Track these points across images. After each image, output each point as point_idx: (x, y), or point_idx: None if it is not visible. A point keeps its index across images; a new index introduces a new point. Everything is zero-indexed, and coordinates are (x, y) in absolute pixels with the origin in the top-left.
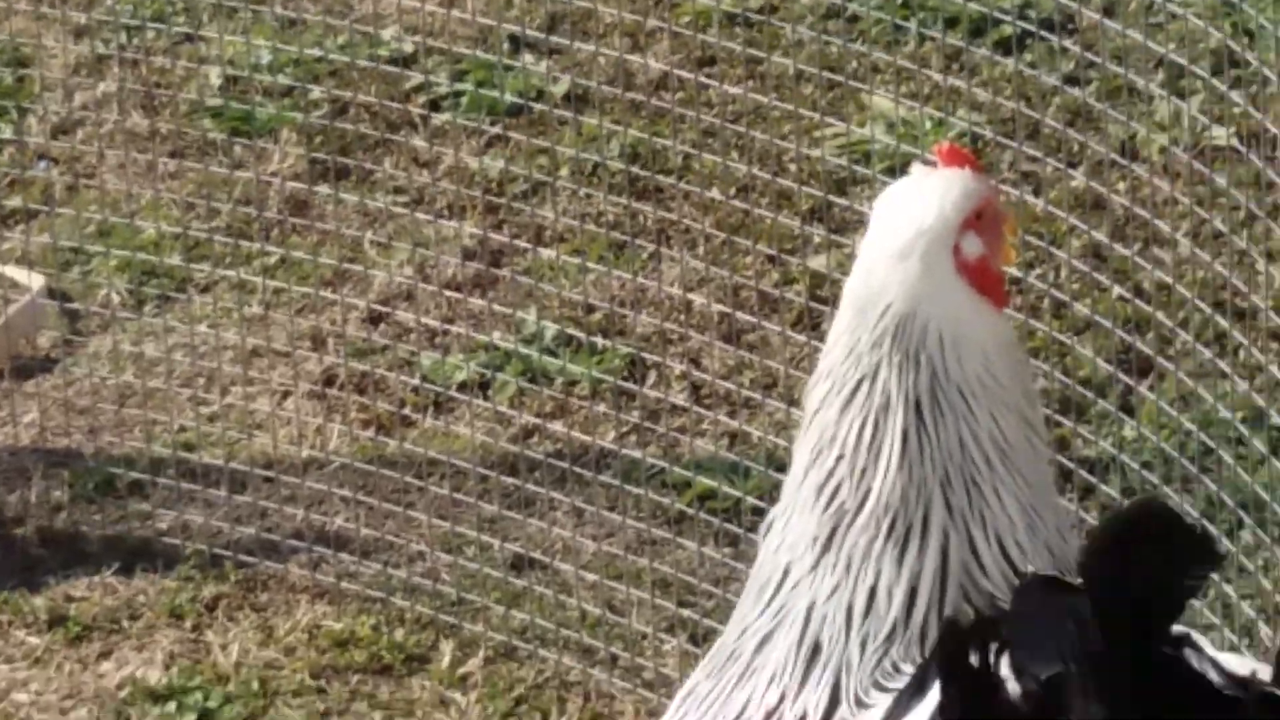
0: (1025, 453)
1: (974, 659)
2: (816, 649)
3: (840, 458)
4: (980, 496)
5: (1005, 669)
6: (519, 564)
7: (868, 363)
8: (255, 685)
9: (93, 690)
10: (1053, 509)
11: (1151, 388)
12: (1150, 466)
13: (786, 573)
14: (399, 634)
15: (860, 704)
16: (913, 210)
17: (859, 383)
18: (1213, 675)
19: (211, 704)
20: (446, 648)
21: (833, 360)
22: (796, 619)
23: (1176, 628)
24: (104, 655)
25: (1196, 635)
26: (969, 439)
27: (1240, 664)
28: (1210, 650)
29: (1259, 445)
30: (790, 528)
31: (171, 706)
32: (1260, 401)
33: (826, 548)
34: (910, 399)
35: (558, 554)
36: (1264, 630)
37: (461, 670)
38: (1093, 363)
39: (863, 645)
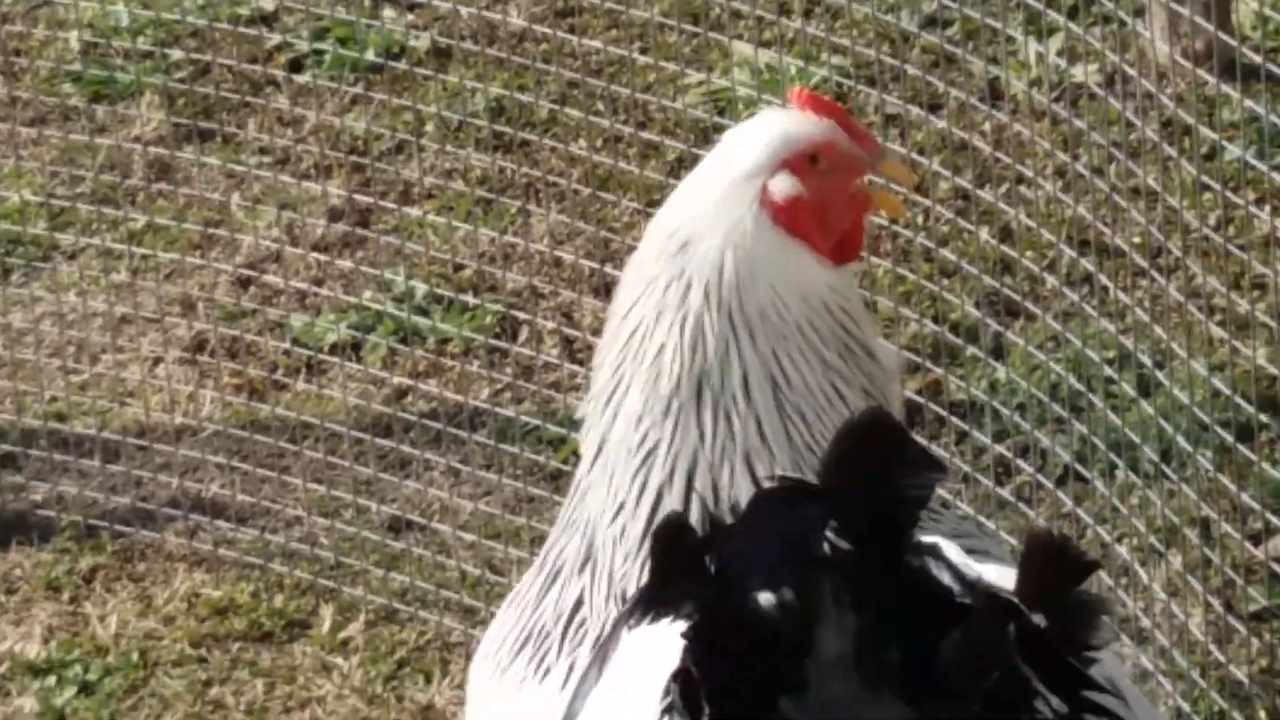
0: (811, 396)
1: (708, 565)
2: (590, 558)
3: (619, 369)
4: (737, 425)
5: (744, 578)
6: (396, 526)
7: (652, 280)
8: (135, 656)
9: None
10: None
11: (1022, 330)
12: (1023, 409)
13: (578, 484)
14: (278, 600)
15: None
16: (730, 148)
17: (637, 299)
18: (948, 582)
19: (91, 676)
20: (326, 612)
21: (626, 278)
22: (580, 529)
23: (928, 538)
24: None
25: (946, 544)
26: (735, 368)
27: (1000, 575)
28: (958, 558)
29: (1128, 386)
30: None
31: (51, 680)
32: (1127, 341)
33: (598, 459)
34: (680, 319)
35: (435, 515)
36: (1140, 572)
37: (342, 635)
38: (962, 307)
39: (625, 557)
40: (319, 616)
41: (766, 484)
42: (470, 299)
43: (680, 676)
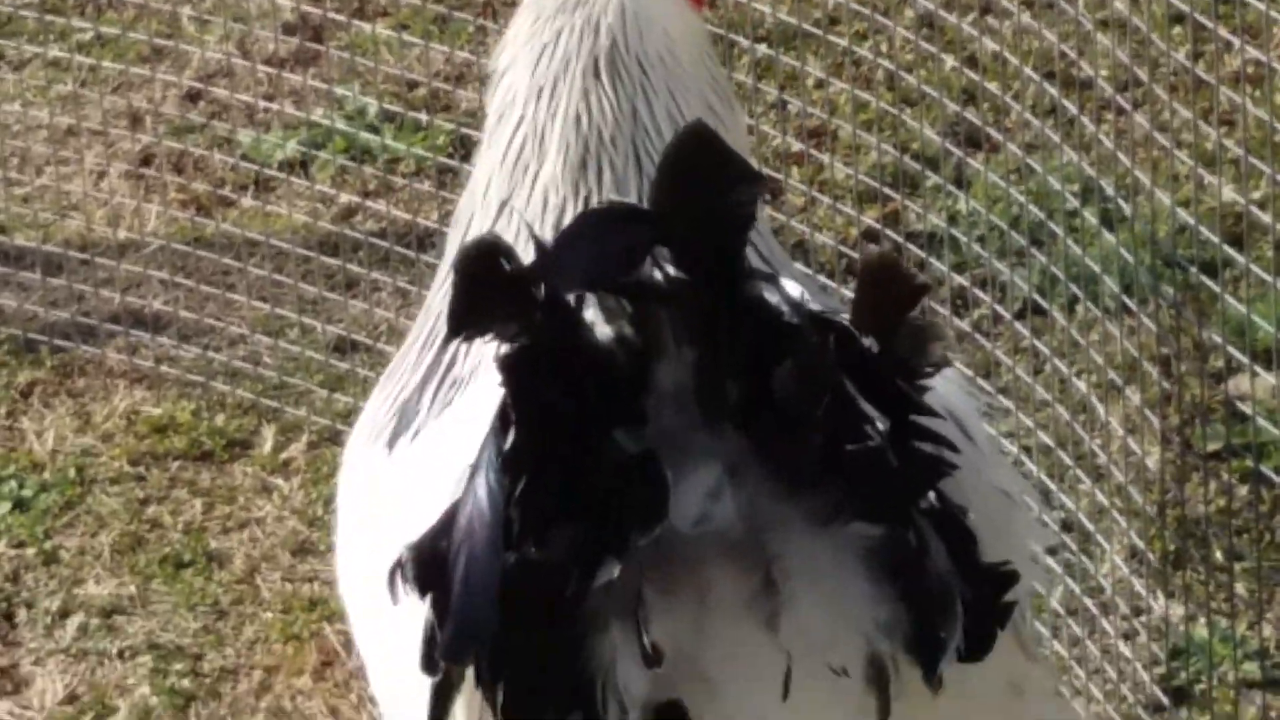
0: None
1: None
2: None
3: (521, 119)
4: (651, 166)
5: (576, 307)
6: (342, 346)
7: (551, 29)
8: (72, 473)
9: None
10: None
11: (985, 160)
12: (984, 241)
13: (469, 225)
14: (219, 419)
15: None
16: None
17: (543, 47)
18: (781, 309)
19: (27, 492)
20: (268, 433)
21: (519, 25)
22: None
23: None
24: None
25: (783, 278)
26: (643, 110)
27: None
28: (793, 289)
29: (1091, 218)
30: (476, 184)
31: None
32: (1092, 173)
33: (503, 208)
34: (589, 63)
35: (382, 336)
36: (1099, 408)
37: (284, 455)
38: (923, 135)
39: None
40: (260, 436)
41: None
42: (423, 117)
43: (503, 407)
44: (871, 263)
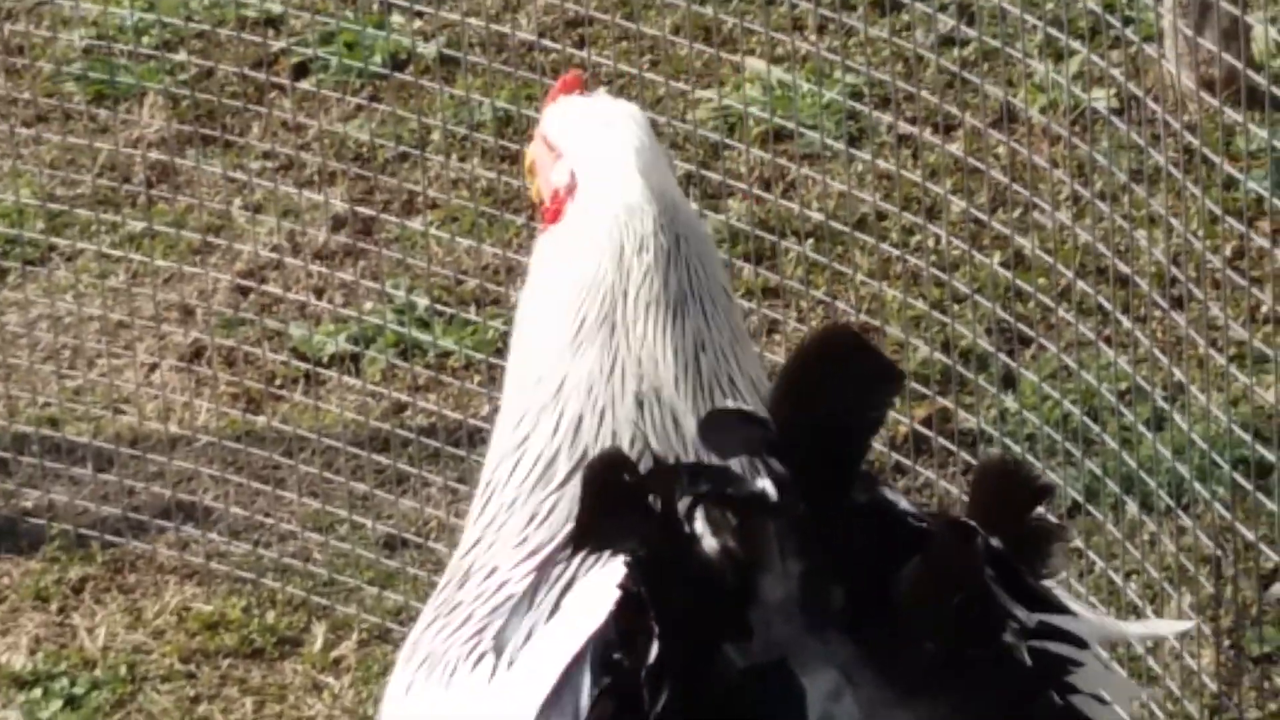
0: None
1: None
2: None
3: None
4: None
5: (698, 522)
6: (392, 544)
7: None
8: (123, 670)
9: None
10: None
11: (1033, 360)
12: (1032, 441)
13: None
14: (270, 616)
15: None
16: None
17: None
18: (901, 512)
19: (78, 690)
20: (319, 630)
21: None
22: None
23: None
24: None
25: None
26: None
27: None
28: (902, 499)
29: (1139, 421)
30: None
31: (37, 693)
32: (1139, 379)
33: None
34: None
35: (431, 533)
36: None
37: (335, 653)
38: (972, 333)
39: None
40: (311, 634)
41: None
42: (473, 314)
43: (621, 612)
44: (993, 464)
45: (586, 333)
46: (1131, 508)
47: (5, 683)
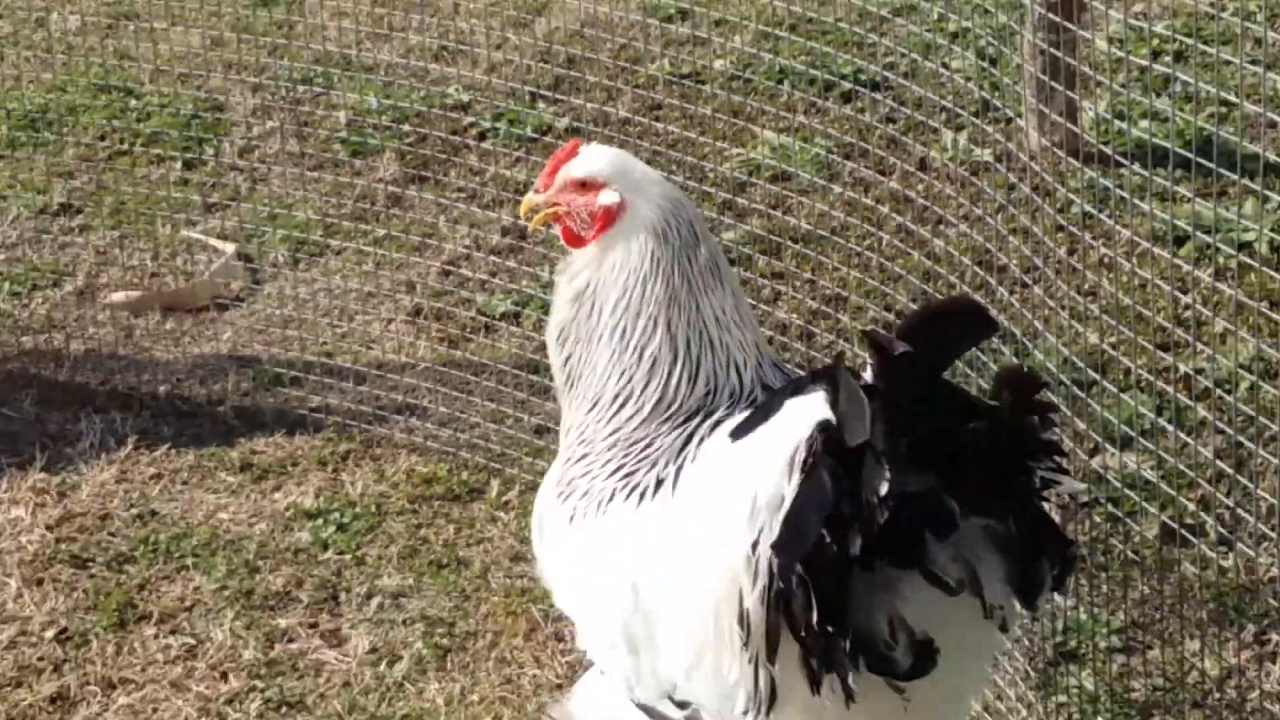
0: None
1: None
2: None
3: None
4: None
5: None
6: (540, 430)
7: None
8: (372, 508)
9: (269, 511)
10: None
11: None
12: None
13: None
14: (464, 474)
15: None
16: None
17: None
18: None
19: (345, 520)
20: (495, 484)
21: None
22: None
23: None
24: (276, 489)
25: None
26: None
27: None
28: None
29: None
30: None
31: (320, 521)
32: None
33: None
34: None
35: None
36: None
37: (504, 499)
38: (905, 301)
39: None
40: (489, 486)
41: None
42: None
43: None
44: (1011, 367)
45: (670, 283)
46: None
47: (300, 515)
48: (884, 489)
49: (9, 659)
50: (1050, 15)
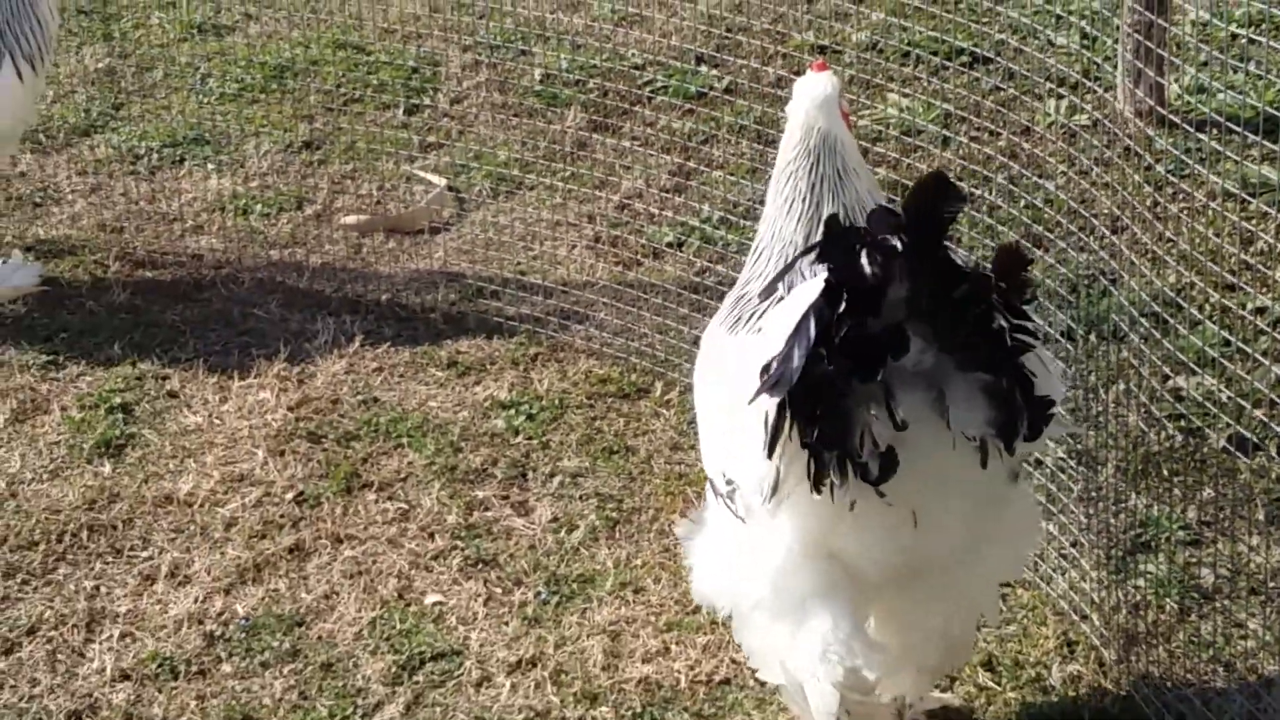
0: (870, 186)
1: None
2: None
3: (796, 189)
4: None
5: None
6: (698, 341)
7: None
8: (556, 401)
9: (470, 402)
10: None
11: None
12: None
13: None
14: (633, 377)
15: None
16: (823, 87)
17: (800, 161)
18: (961, 261)
19: (532, 411)
20: (659, 386)
21: (788, 147)
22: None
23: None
24: (477, 383)
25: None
26: (853, 178)
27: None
28: (963, 256)
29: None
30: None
31: (512, 411)
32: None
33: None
34: (825, 164)
35: None
36: None
37: (667, 397)
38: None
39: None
40: (654, 387)
41: (874, 208)
42: (745, 222)
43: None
44: (1006, 246)
45: (802, 172)
46: None
47: (496, 406)
48: (846, 327)
49: (256, 515)
50: (1143, 2)
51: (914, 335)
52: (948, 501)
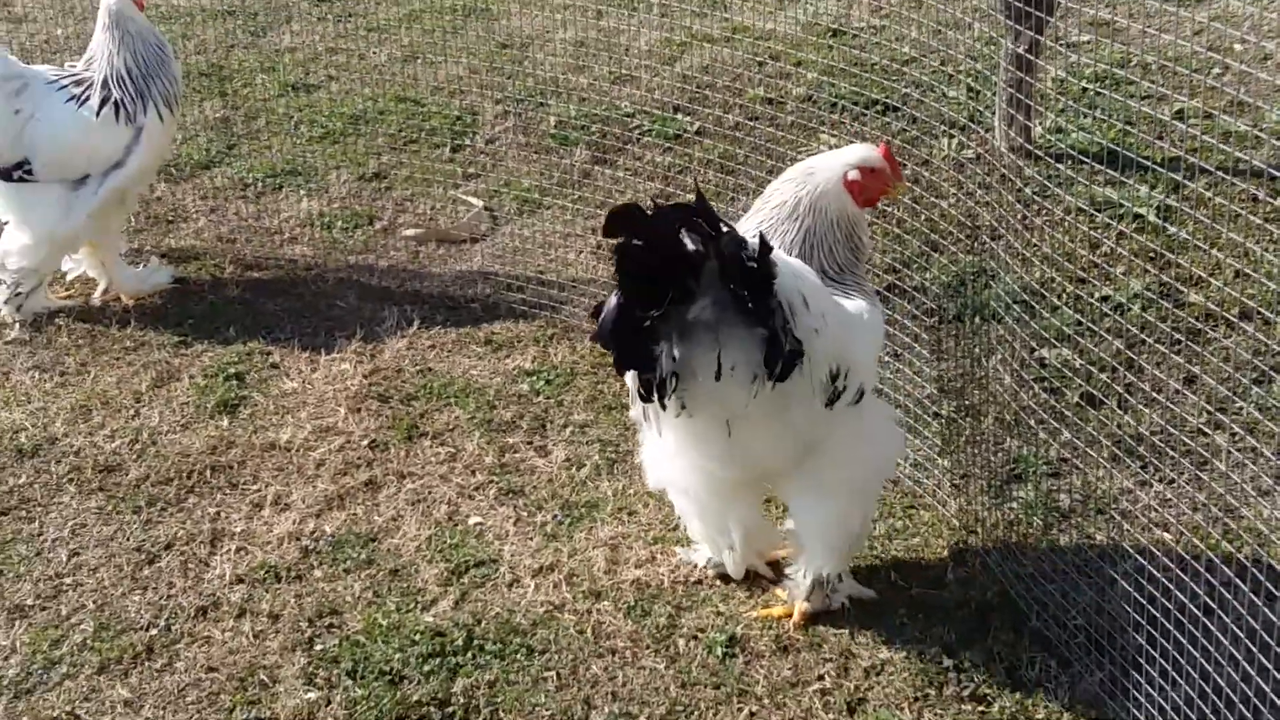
0: (835, 243)
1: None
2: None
3: (784, 220)
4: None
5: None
6: None
7: (795, 181)
8: (568, 370)
9: (502, 370)
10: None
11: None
12: None
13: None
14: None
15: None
16: (847, 150)
17: (783, 188)
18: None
19: (550, 377)
20: None
21: (783, 177)
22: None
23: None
24: (507, 357)
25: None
26: (826, 230)
27: (845, 302)
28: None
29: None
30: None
31: (534, 377)
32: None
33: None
34: (801, 201)
35: None
36: None
37: None
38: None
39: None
40: None
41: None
42: None
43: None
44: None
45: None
46: None
47: (522, 373)
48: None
49: (339, 458)
50: (1014, 62)
51: (700, 293)
52: (750, 419)
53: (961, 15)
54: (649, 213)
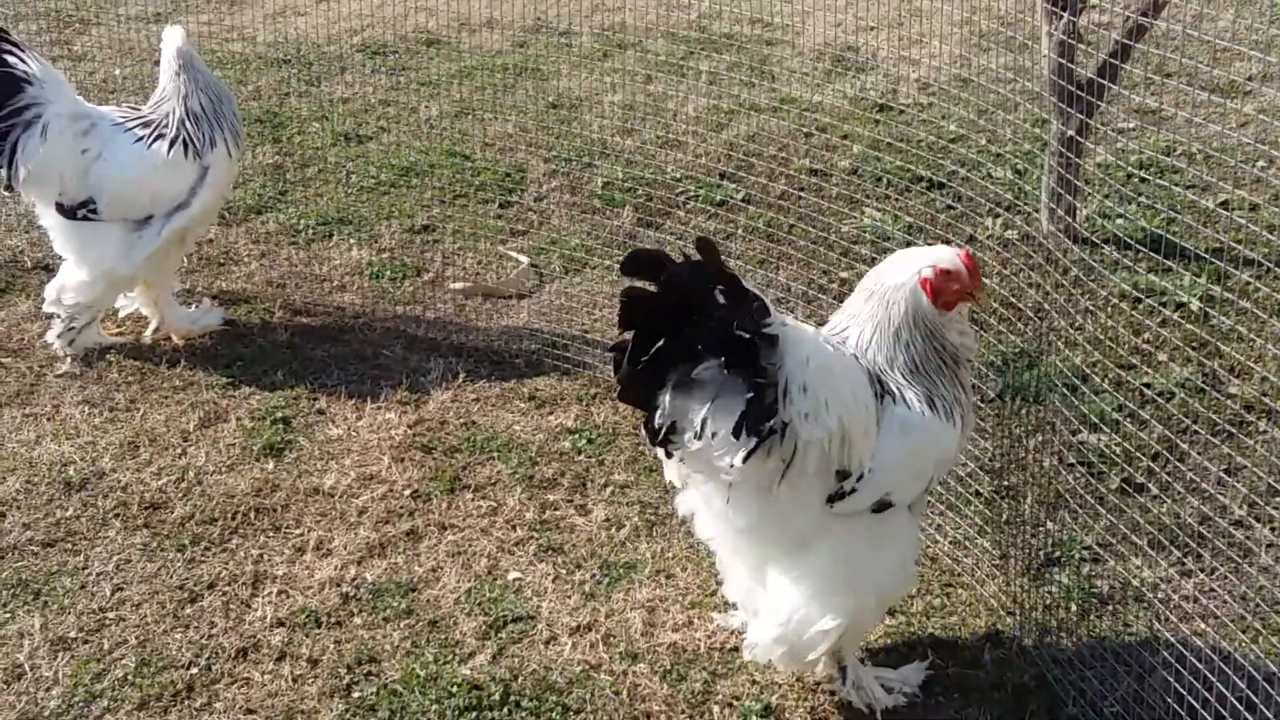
0: (923, 350)
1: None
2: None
3: (860, 332)
4: (898, 346)
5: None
6: None
7: (870, 289)
8: (610, 430)
9: (544, 427)
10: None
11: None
12: None
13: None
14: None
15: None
16: (923, 252)
17: (863, 288)
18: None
19: (592, 436)
20: None
21: (862, 284)
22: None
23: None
24: (550, 413)
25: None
26: (901, 324)
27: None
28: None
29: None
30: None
31: (576, 436)
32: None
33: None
34: (876, 305)
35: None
36: None
37: None
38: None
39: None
40: None
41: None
42: None
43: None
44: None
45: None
46: None
47: (564, 430)
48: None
49: (381, 506)
50: (1063, 145)
51: (706, 354)
52: (741, 489)
53: (1010, 95)
54: (667, 263)
